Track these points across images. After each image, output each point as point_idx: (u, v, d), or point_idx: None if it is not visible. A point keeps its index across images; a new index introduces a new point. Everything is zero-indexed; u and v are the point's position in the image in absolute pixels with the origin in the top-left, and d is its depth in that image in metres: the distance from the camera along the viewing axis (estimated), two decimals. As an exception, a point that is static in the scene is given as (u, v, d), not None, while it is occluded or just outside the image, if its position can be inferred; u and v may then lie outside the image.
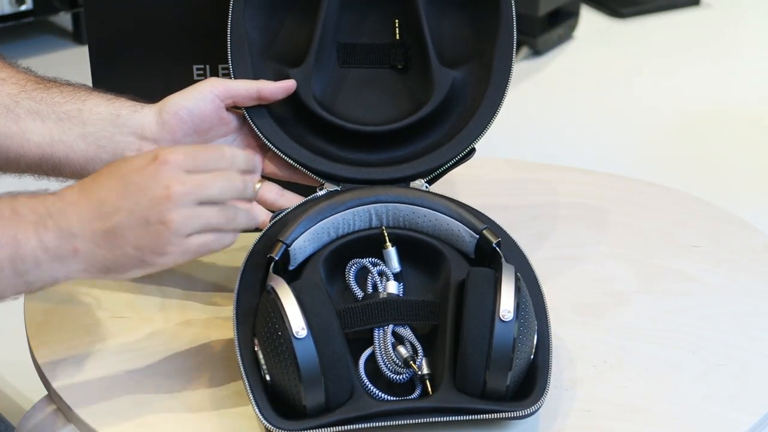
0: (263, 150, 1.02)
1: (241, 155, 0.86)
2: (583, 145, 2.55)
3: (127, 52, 1.08)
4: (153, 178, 0.82)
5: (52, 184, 0.99)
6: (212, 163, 0.84)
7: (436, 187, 1.01)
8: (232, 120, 1.00)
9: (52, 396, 0.92)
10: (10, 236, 0.80)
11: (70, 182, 0.98)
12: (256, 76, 1.01)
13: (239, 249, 0.97)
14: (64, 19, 3.08)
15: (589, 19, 3.27)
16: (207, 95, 0.97)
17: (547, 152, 2.49)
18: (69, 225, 0.81)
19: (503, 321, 0.84)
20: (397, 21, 1.05)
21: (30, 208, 0.82)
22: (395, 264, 0.95)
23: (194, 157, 0.84)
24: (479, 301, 0.85)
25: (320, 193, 0.99)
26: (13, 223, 0.81)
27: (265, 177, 1.02)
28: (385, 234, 0.96)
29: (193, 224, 0.82)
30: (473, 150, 1.02)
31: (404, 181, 1.00)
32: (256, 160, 0.89)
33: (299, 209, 0.97)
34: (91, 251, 0.82)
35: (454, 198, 0.99)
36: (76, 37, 3.03)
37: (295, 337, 0.82)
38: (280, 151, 1.00)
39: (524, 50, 2.98)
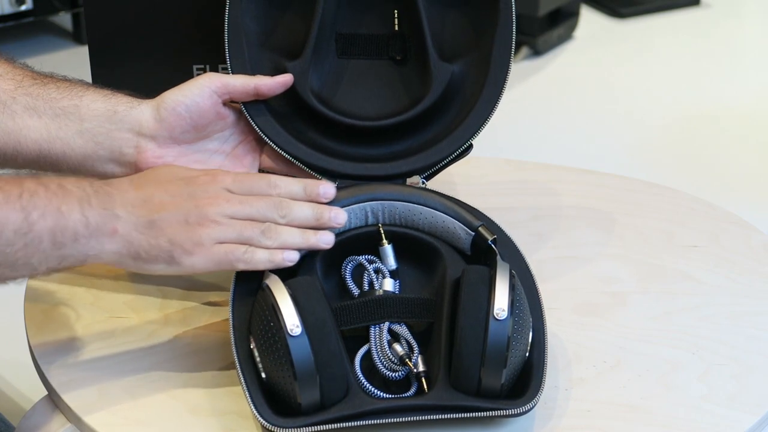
0: (260, 144, 1.02)
1: (296, 185, 0.93)
2: (583, 144, 2.55)
3: (127, 51, 1.08)
4: (203, 189, 0.89)
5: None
6: (257, 188, 0.91)
7: (435, 187, 1.01)
8: (229, 115, 1.00)
9: (52, 396, 0.92)
10: (54, 207, 0.83)
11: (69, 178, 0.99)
12: (253, 69, 1.01)
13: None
14: (64, 19, 3.08)
15: (589, 19, 3.27)
16: (204, 91, 0.97)
17: (547, 152, 2.49)
18: (113, 206, 0.86)
19: (497, 319, 0.84)
20: (396, 12, 1.05)
21: (77, 186, 0.86)
22: (391, 261, 0.95)
23: (243, 181, 0.91)
24: (474, 299, 0.85)
25: (317, 189, 0.99)
26: (59, 197, 0.84)
27: (263, 171, 1.02)
28: (382, 231, 0.96)
29: (227, 231, 0.88)
30: (471, 146, 1.01)
31: (402, 177, 1.00)
32: (322, 189, 0.93)
33: None
34: (129, 234, 0.86)
35: (454, 197, 0.99)
36: (76, 37, 3.03)
37: (290, 335, 0.82)
38: (277, 146, 1.00)
39: (524, 50, 2.98)
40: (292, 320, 0.82)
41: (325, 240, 0.91)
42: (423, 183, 1.01)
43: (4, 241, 0.82)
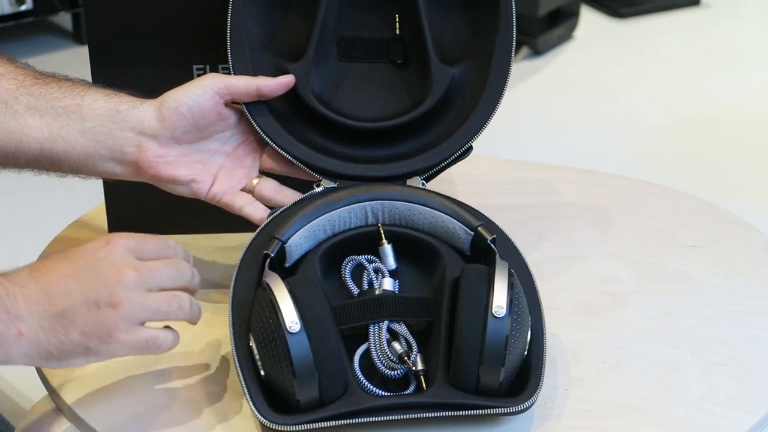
0: (261, 145, 1.02)
1: (181, 248, 0.88)
2: (583, 144, 2.55)
3: (127, 51, 1.08)
4: (105, 261, 0.82)
5: (51, 179, 0.99)
6: (159, 251, 0.86)
7: (435, 187, 1.01)
8: (230, 116, 1.00)
9: (52, 396, 0.92)
10: None
11: (69, 177, 0.99)
12: (255, 71, 1.01)
13: (237, 247, 0.97)
14: (64, 19, 3.08)
15: (589, 19, 3.27)
16: (207, 91, 0.97)
17: (547, 152, 2.49)
18: (16, 308, 0.80)
19: (496, 317, 0.84)
20: (397, 16, 1.05)
21: None
22: (391, 261, 0.95)
23: (143, 244, 0.85)
24: (472, 297, 0.86)
25: (317, 190, 1.00)
26: None
27: (263, 172, 1.02)
28: (381, 231, 0.96)
29: (144, 310, 0.82)
30: (470, 148, 1.02)
31: (401, 178, 1.01)
32: (191, 270, 0.89)
33: (296, 206, 0.97)
34: (35, 335, 0.80)
35: (455, 197, 0.99)
36: (76, 37, 3.03)
37: (289, 332, 0.82)
38: (278, 146, 1.00)
39: (524, 50, 2.98)
40: (291, 317, 0.82)
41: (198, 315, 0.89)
42: (423, 184, 1.01)
43: None
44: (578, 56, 3.05)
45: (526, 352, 0.87)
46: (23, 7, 2.83)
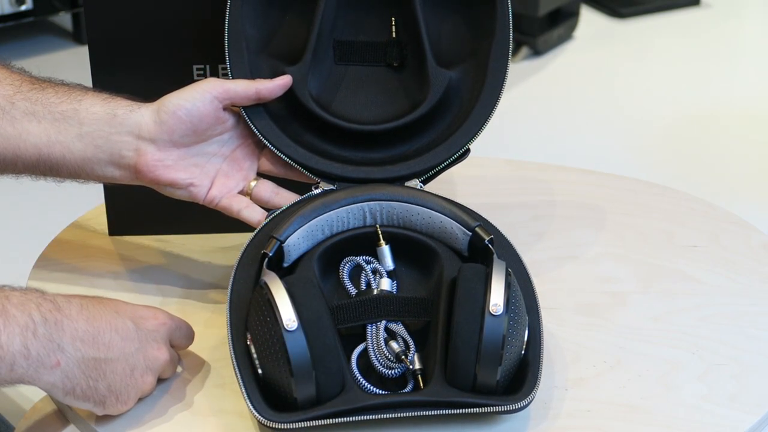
0: (259, 148, 1.02)
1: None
2: (583, 145, 2.55)
3: (127, 52, 1.08)
4: (152, 336, 0.87)
5: (49, 184, 0.99)
6: (183, 340, 0.92)
7: (436, 187, 1.01)
8: (228, 119, 1.00)
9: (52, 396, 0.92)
10: None
11: (67, 182, 0.98)
12: (252, 74, 1.01)
13: (236, 247, 0.97)
14: (64, 19, 3.08)
15: (589, 19, 3.27)
16: (206, 96, 0.97)
17: (547, 152, 2.49)
18: (61, 339, 0.81)
19: (493, 315, 0.84)
20: (393, 19, 1.05)
21: (22, 310, 0.80)
22: (389, 262, 0.95)
23: (178, 330, 0.91)
24: (469, 295, 0.86)
25: (315, 191, 1.00)
26: None
27: (261, 174, 1.02)
28: (379, 232, 0.96)
29: (151, 390, 0.88)
30: (468, 150, 1.02)
31: (399, 180, 1.01)
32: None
33: (294, 207, 0.97)
34: (70, 371, 0.82)
35: (455, 198, 0.99)
36: (76, 37, 3.03)
37: (286, 330, 0.82)
38: (276, 149, 1.00)
39: (524, 50, 2.98)
40: (288, 315, 0.82)
41: None
42: (420, 186, 1.01)
43: None
44: (578, 56, 3.05)
45: (523, 351, 0.87)
46: (23, 7, 2.83)
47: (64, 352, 0.81)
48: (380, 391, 0.87)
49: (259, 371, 0.85)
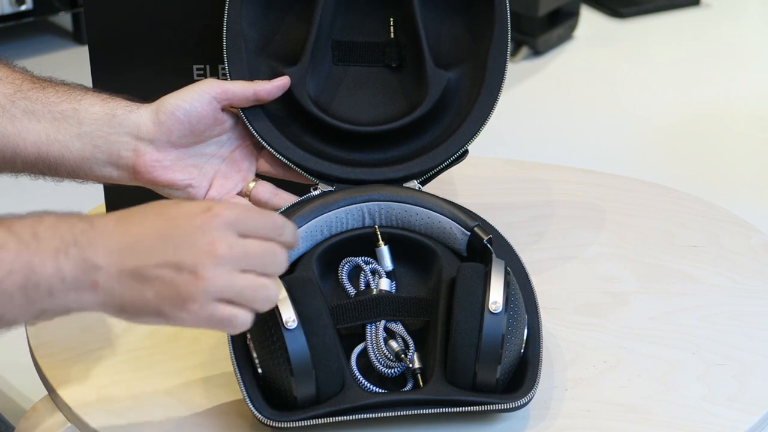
0: (258, 149, 1.02)
1: (290, 228, 0.82)
2: (583, 145, 2.55)
3: (127, 52, 1.08)
4: (201, 229, 0.77)
5: (47, 183, 0.99)
6: (262, 230, 0.80)
7: (435, 187, 1.01)
8: (227, 120, 1.00)
9: (52, 396, 0.92)
10: (24, 262, 0.74)
11: (66, 182, 0.99)
12: (251, 75, 1.01)
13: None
14: (64, 19, 3.08)
15: (589, 19, 3.27)
16: (204, 97, 0.97)
17: (547, 152, 2.49)
18: (95, 256, 0.76)
19: (492, 313, 0.84)
20: (392, 19, 1.05)
21: (54, 232, 0.76)
22: (388, 262, 0.95)
23: (246, 220, 0.79)
24: (469, 293, 0.86)
25: (314, 193, 1.00)
26: (31, 249, 0.75)
27: (260, 176, 1.02)
28: (378, 233, 0.96)
29: (226, 290, 0.77)
30: (466, 152, 1.02)
31: (398, 182, 1.01)
32: (297, 234, 0.84)
33: (293, 208, 0.97)
34: (111, 288, 0.76)
35: (455, 197, 0.99)
36: (76, 37, 3.03)
37: (286, 328, 0.82)
38: (275, 150, 1.00)
39: (524, 50, 2.98)
40: (288, 314, 0.82)
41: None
42: (419, 188, 1.01)
43: None
44: (578, 56, 3.05)
45: (522, 350, 0.87)
46: (23, 7, 2.83)
47: (100, 270, 0.76)
48: (380, 390, 0.87)
49: (259, 371, 0.85)
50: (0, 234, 0.75)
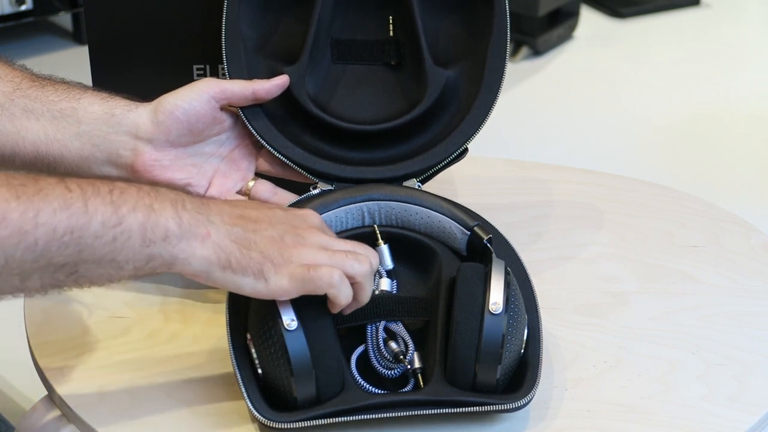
0: (257, 148, 1.02)
1: (374, 257, 0.88)
2: (583, 145, 2.55)
3: (127, 52, 1.08)
4: (300, 218, 0.87)
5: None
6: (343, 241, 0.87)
7: (434, 187, 1.01)
8: (226, 119, 1.00)
9: (52, 396, 0.92)
10: (146, 204, 0.79)
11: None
12: (250, 74, 1.01)
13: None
14: (64, 19, 3.09)
15: (589, 19, 3.28)
16: (203, 96, 0.97)
17: (547, 152, 2.49)
18: (209, 213, 0.82)
19: (492, 313, 0.84)
20: (391, 18, 1.05)
21: (170, 190, 0.83)
22: (388, 261, 0.95)
23: (329, 230, 0.89)
24: (469, 294, 0.86)
25: (314, 192, 1.00)
26: (151, 196, 0.80)
27: (259, 175, 1.02)
28: (378, 232, 0.96)
29: (320, 257, 0.83)
30: (466, 150, 1.02)
31: (397, 180, 1.01)
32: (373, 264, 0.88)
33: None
34: (221, 241, 0.81)
35: (455, 197, 0.99)
36: (76, 37, 3.03)
37: (286, 329, 0.82)
38: (274, 149, 1.00)
39: (524, 50, 2.98)
40: (288, 315, 0.82)
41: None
42: (418, 186, 1.01)
43: (92, 232, 0.77)
44: (578, 56, 3.05)
45: (522, 350, 0.87)
46: (23, 7, 2.83)
47: (212, 224, 0.82)
48: (380, 391, 0.87)
49: (259, 371, 0.85)
50: (123, 183, 0.80)
